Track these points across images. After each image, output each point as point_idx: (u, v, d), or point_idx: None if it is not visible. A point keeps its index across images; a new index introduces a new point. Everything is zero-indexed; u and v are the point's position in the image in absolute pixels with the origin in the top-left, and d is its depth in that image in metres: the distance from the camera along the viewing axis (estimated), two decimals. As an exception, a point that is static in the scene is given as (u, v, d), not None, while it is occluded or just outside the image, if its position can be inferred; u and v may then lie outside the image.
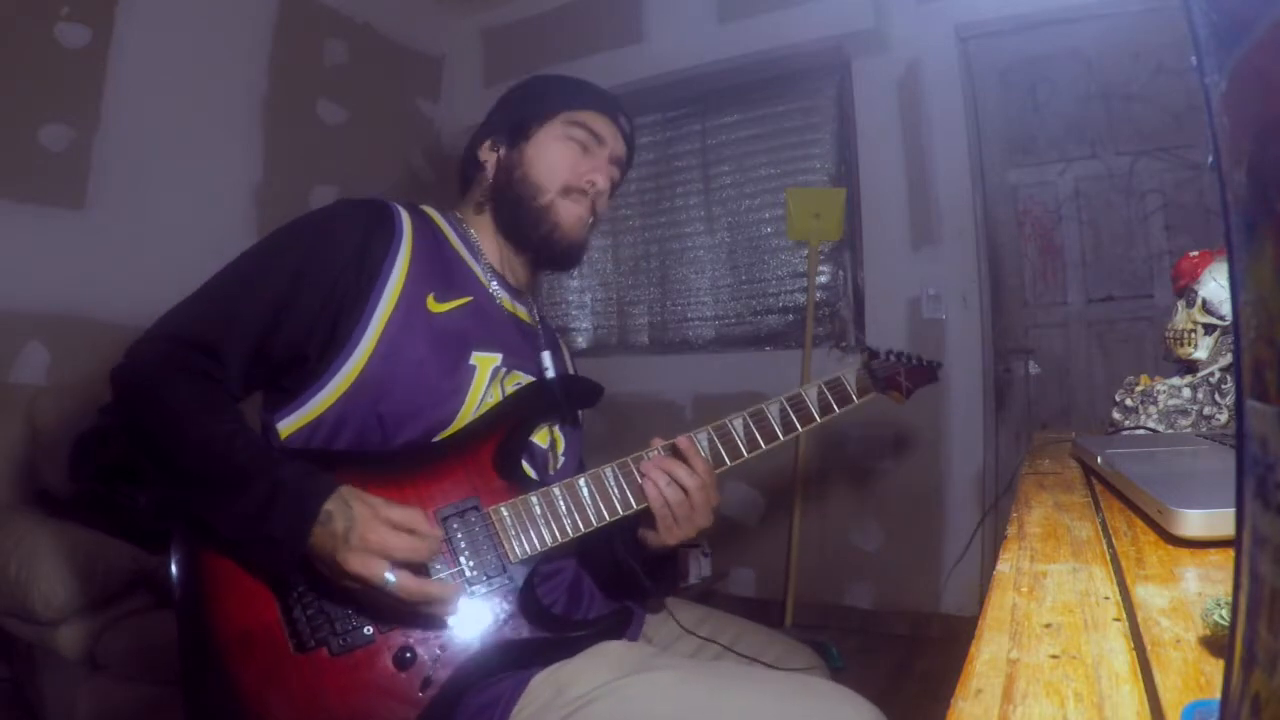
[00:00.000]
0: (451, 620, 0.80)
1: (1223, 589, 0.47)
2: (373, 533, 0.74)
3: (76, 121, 2.34)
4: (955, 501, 2.73)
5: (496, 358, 0.94)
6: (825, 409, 1.03)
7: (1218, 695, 0.25)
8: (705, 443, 0.95)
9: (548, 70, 1.14)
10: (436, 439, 0.89)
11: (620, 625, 0.92)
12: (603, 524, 0.90)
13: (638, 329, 3.40)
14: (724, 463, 0.96)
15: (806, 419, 1.01)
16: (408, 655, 0.78)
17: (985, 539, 2.57)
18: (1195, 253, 1.25)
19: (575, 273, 3.46)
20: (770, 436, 0.98)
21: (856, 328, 2.95)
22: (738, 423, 0.97)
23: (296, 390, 0.88)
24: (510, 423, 0.91)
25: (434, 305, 0.91)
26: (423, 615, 0.78)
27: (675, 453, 0.93)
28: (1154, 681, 0.36)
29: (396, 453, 0.87)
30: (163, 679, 1.63)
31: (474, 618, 0.82)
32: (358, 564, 0.73)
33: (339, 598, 0.79)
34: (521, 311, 1.05)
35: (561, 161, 0.99)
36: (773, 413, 0.99)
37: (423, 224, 0.97)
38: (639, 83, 3.17)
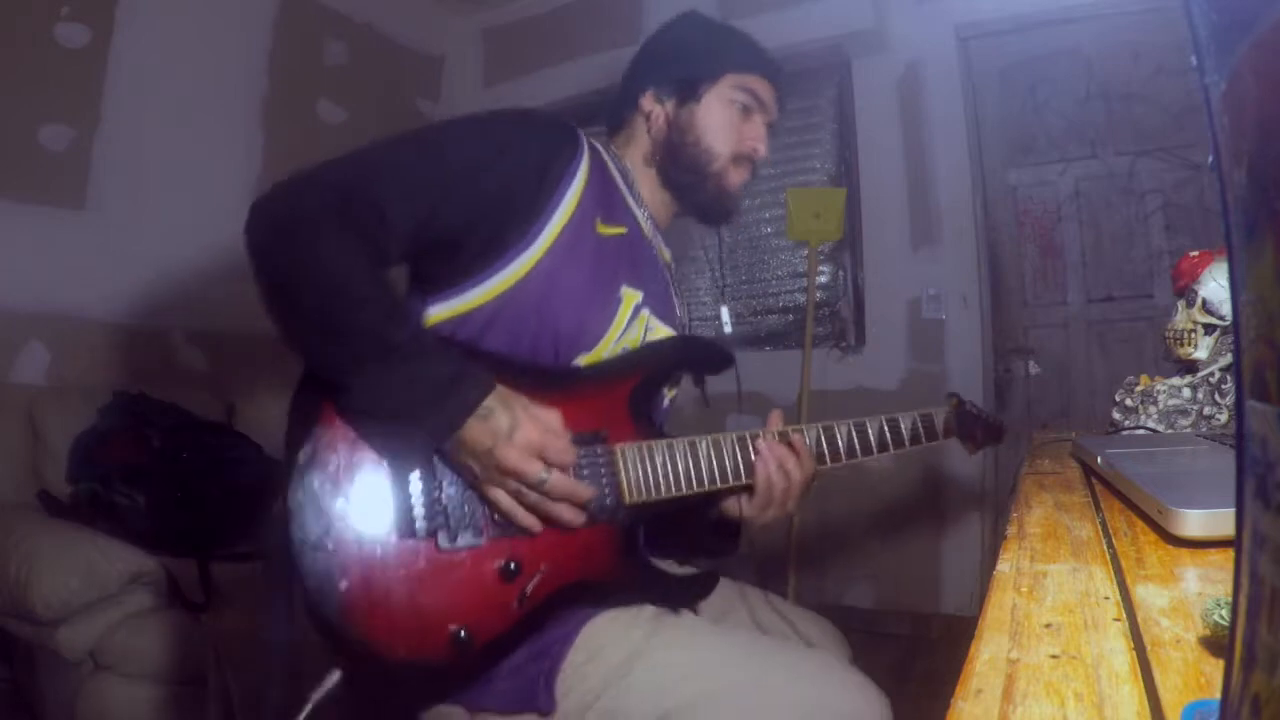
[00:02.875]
0: (558, 543, 0.82)
1: (1223, 589, 0.47)
2: (534, 432, 0.77)
3: (76, 121, 2.34)
4: (955, 501, 2.73)
5: (639, 295, 0.96)
6: (914, 439, 1.06)
7: (1218, 695, 0.25)
8: (813, 439, 0.99)
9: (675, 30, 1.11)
10: (577, 363, 0.90)
11: (709, 585, 0.96)
12: (713, 488, 0.92)
13: (638, 329, 3.40)
14: (824, 462, 0.99)
15: (897, 443, 1.04)
16: (512, 567, 0.79)
17: (985, 539, 2.57)
18: (1195, 253, 1.25)
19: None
20: (866, 450, 1.01)
21: (856, 328, 2.95)
22: (843, 429, 1.01)
23: (451, 280, 0.87)
24: (652, 368, 0.94)
25: (601, 227, 0.93)
26: (555, 519, 0.80)
27: (789, 441, 0.96)
28: (1154, 681, 0.36)
29: (541, 368, 0.88)
30: (163, 679, 1.63)
31: (578, 547, 0.84)
32: (517, 459, 0.76)
33: (460, 494, 0.79)
34: (666, 255, 1.08)
35: (730, 128, 1.02)
36: (873, 428, 1.02)
37: (597, 155, 0.99)
38: (639, 83, 3.17)
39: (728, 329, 1.14)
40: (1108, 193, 2.62)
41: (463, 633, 0.77)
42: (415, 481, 0.78)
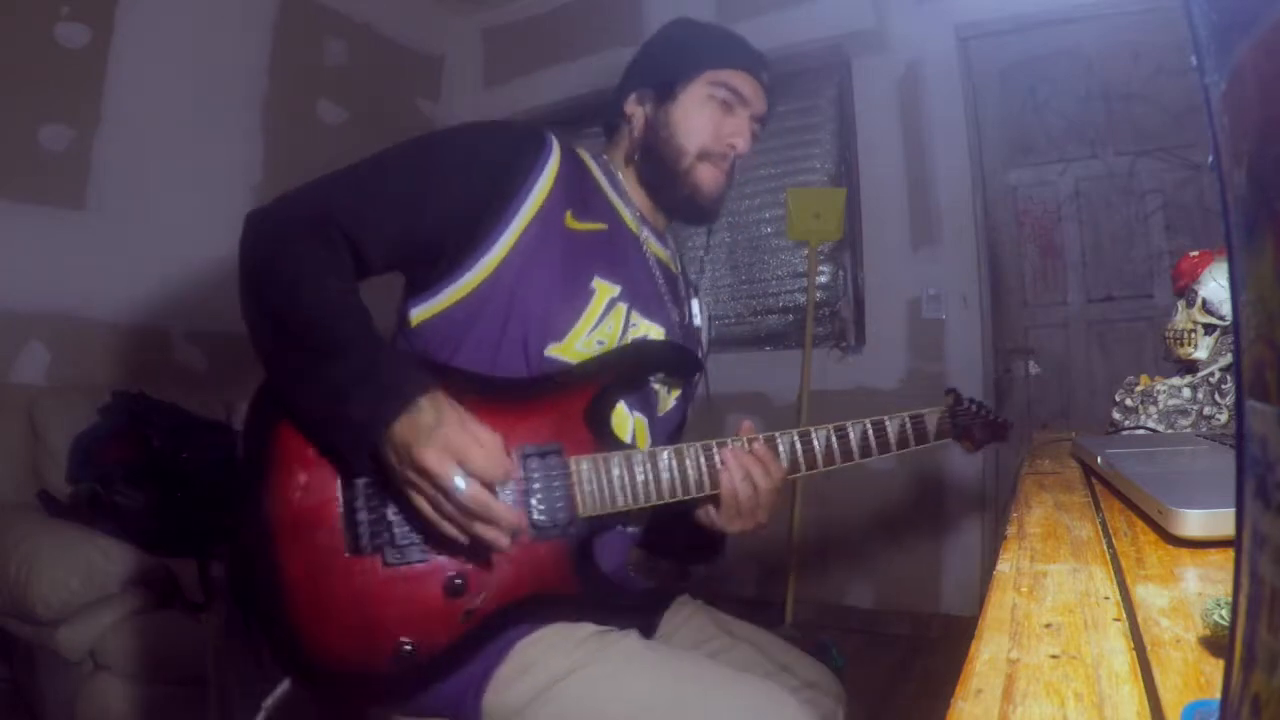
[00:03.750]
0: (508, 557, 0.80)
1: (1223, 589, 0.47)
2: (456, 436, 0.74)
3: (76, 121, 2.34)
4: (955, 501, 2.73)
5: (616, 289, 0.95)
6: (902, 442, 1.03)
7: (1218, 695, 0.25)
8: (787, 446, 0.96)
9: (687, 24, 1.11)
10: (548, 352, 0.90)
11: (664, 601, 0.94)
12: (675, 500, 0.90)
13: (638, 329, 3.40)
14: (799, 469, 0.97)
15: (883, 447, 1.01)
16: (458, 582, 0.80)
17: (985, 539, 2.57)
18: (1195, 253, 1.25)
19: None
20: (846, 456, 0.99)
21: (856, 328, 2.95)
22: (821, 435, 0.98)
23: (432, 282, 0.91)
24: (607, 379, 0.92)
25: (571, 222, 0.94)
26: (475, 538, 0.76)
27: (758, 449, 0.94)
28: (1154, 681, 0.36)
29: (502, 381, 0.89)
30: (163, 679, 1.63)
31: (529, 561, 0.83)
32: (433, 459, 0.73)
33: (407, 509, 0.79)
34: (665, 256, 1.08)
35: (705, 124, 1.01)
36: (855, 433, 0.99)
37: (572, 156, 1.00)
38: (639, 83, 3.17)
39: (697, 320, 1.11)
40: (1108, 193, 2.62)
41: (408, 646, 0.78)
42: (361, 497, 0.80)
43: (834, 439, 0.98)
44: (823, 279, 2.98)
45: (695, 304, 1.10)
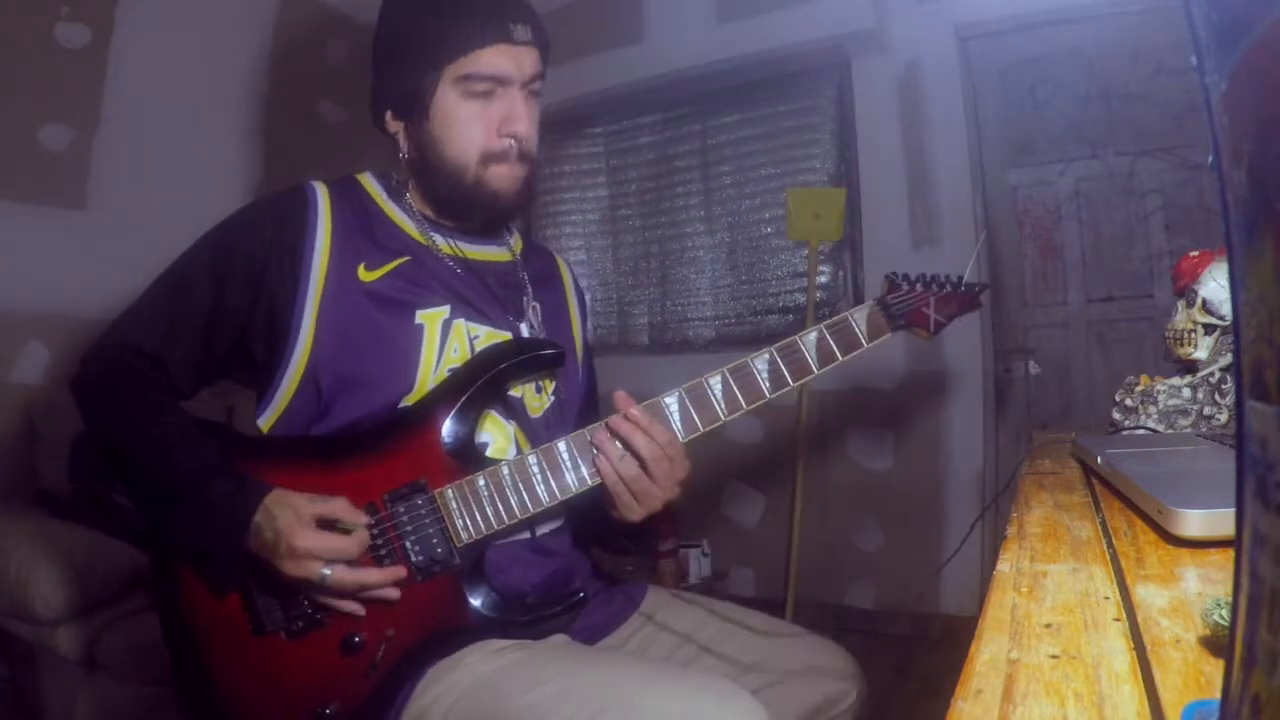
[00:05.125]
0: (398, 604, 0.82)
1: (1223, 589, 0.47)
2: (299, 539, 0.76)
3: (76, 121, 2.34)
4: (955, 502, 2.73)
5: (444, 309, 0.90)
6: (826, 358, 0.91)
7: (1218, 695, 0.25)
8: (675, 406, 0.86)
9: None
10: (401, 405, 0.87)
11: (566, 614, 0.88)
12: (555, 503, 0.85)
13: (638, 329, 3.40)
14: (697, 428, 0.87)
15: (801, 371, 0.89)
16: (356, 640, 0.81)
17: (985, 539, 2.57)
18: (1195, 253, 1.25)
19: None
20: (755, 395, 0.88)
21: (856, 328, 2.95)
22: (715, 380, 0.87)
23: (264, 388, 0.90)
24: (453, 401, 0.86)
25: (365, 275, 0.89)
26: (367, 602, 0.81)
27: (632, 414, 0.84)
28: (1154, 681, 0.36)
29: (353, 437, 0.87)
30: (161, 679, 1.63)
31: (419, 603, 0.82)
32: (291, 569, 0.77)
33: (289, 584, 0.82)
34: (488, 253, 1.00)
35: (471, 128, 0.90)
36: (759, 366, 0.88)
37: (346, 196, 0.93)
38: (639, 83, 3.17)
39: (529, 324, 0.99)
40: (1108, 193, 2.62)
41: (328, 710, 0.80)
42: (253, 580, 0.82)
43: (733, 381, 0.87)
44: (823, 279, 2.98)
45: (532, 326, 0.98)
